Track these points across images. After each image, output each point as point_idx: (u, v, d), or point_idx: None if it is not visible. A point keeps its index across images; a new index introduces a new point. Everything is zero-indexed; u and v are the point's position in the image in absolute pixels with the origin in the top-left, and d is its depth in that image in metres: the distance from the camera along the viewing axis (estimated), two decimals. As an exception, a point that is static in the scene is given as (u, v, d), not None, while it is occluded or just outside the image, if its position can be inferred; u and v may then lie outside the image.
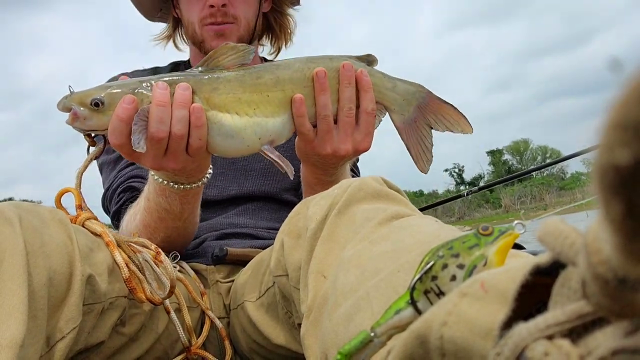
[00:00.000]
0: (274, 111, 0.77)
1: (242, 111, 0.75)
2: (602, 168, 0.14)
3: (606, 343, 0.17)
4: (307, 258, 0.59)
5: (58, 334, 0.57)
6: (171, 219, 0.84)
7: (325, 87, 0.77)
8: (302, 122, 0.78)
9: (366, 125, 0.80)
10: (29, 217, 0.60)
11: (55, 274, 0.58)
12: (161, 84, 0.72)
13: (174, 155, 0.73)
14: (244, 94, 0.76)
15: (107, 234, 0.69)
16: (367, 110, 0.79)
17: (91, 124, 0.73)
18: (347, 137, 0.79)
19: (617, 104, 0.13)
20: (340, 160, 0.81)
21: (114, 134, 0.71)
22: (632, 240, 0.14)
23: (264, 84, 0.77)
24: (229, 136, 0.75)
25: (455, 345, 0.25)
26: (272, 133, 0.77)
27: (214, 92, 0.74)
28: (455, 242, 0.30)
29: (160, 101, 0.71)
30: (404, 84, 0.84)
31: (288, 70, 0.78)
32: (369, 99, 0.79)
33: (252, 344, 0.83)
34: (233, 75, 0.76)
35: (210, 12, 1.03)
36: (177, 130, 0.71)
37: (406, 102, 0.84)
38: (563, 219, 0.21)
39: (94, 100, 0.71)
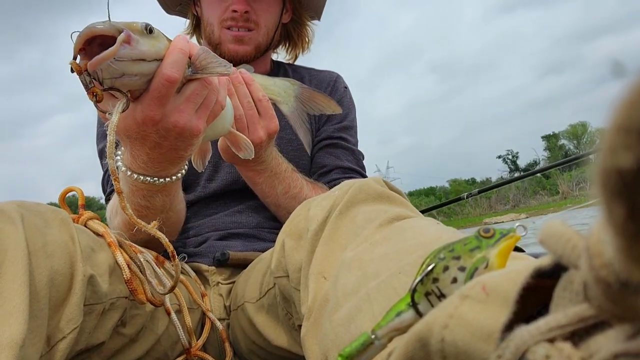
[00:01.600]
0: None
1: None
2: (605, 171, 0.14)
3: (608, 346, 0.17)
4: (308, 259, 0.59)
5: (59, 334, 0.57)
6: (152, 215, 0.80)
7: (232, 92, 0.85)
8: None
9: (265, 111, 0.89)
10: (31, 217, 0.60)
11: (57, 274, 0.58)
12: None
13: (204, 112, 0.71)
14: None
15: (109, 235, 0.69)
16: (258, 98, 0.88)
17: (143, 49, 0.63)
18: (255, 126, 0.88)
19: (620, 106, 0.13)
20: (260, 148, 0.89)
21: (176, 67, 0.64)
22: (634, 244, 0.14)
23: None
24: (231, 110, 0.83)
25: (456, 348, 0.25)
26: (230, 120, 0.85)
27: None
28: (456, 245, 0.30)
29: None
30: (282, 81, 0.99)
31: None
32: (255, 90, 0.88)
33: (252, 345, 0.83)
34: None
35: (233, 16, 1.05)
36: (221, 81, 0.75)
37: (287, 94, 0.99)
38: (565, 222, 0.21)
39: (148, 26, 0.64)
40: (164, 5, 1.21)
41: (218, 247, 0.98)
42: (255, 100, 0.88)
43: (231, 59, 1.09)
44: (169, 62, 0.64)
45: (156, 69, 0.64)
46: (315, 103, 1.00)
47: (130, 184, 0.76)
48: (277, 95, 0.97)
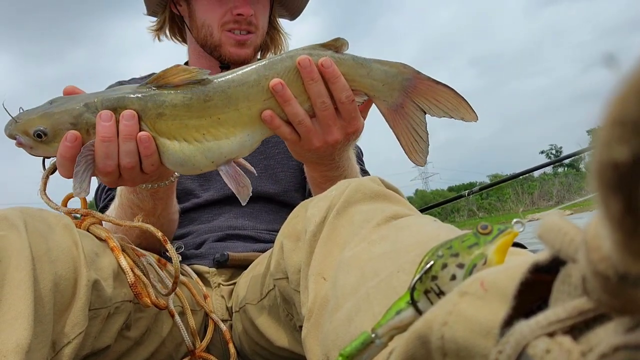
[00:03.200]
0: (227, 133, 0.71)
1: (191, 137, 0.70)
2: (600, 165, 0.14)
3: (607, 339, 0.17)
4: (307, 260, 0.59)
5: (64, 339, 0.58)
6: (144, 215, 0.81)
7: (287, 97, 0.70)
8: (281, 132, 0.73)
9: (347, 113, 0.74)
10: (34, 223, 0.60)
11: (61, 279, 0.58)
12: (104, 114, 0.67)
13: (129, 179, 0.71)
14: (191, 120, 0.69)
15: (112, 239, 0.69)
16: (341, 100, 0.73)
17: (38, 153, 0.70)
18: (330, 127, 0.74)
19: (615, 100, 0.13)
20: (333, 148, 0.77)
21: (62, 170, 0.68)
22: (631, 237, 0.14)
23: (213, 107, 0.69)
24: (178, 164, 0.70)
25: (456, 344, 0.25)
26: (227, 154, 0.71)
27: (159, 118, 0.69)
28: (454, 242, 0.30)
29: (105, 137, 0.66)
30: (382, 67, 0.74)
31: (242, 86, 0.70)
32: (339, 89, 0.72)
33: (255, 346, 0.83)
34: (180, 99, 0.69)
35: (237, 19, 1.04)
36: (126, 163, 0.68)
37: (387, 87, 0.74)
38: (563, 216, 0.21)
39: (37, 132, 0.67)
40: (148, 4, 1.18)
41: (217, 248, 0.98)
42: (338, 101, 0.73)
43: (231, 62, 1.08)
44: (57, 163, 0.69)
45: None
46: (437, 100, 0.74)
47: None
48: (371, 89, 0.75)
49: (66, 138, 0.66)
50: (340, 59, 0.73)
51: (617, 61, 0.13)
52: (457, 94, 0.73)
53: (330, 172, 0.83)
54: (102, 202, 1.05)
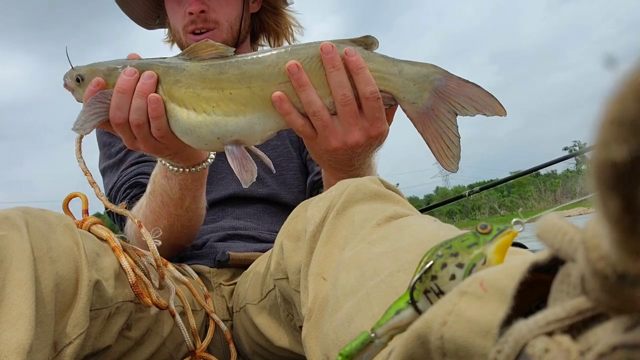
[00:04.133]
0: (237, 110, 0.69)
1: (200, 107, 0.70)
2: (599, 165, 0.14)
3: (606, 339, 0.17)
4: (307, 260, 0.59)
5: (65, 339, 0.58)
6: (173, 204, 0.84)
7: (303, 81, 0.67)
8: (292, 120, 0.69)
9: (371, 111, 0.69)
10: (36, 223, 0.60)
11: (62, 279, 0.58)
12: (129, 70, 0.71)
13: (142, 140, 0.73)
14: (204, 90, 0.69)
15: (113, 239, 0.70)
16: (365, 95, 0.68)
17: (77, 97, 0.75)
18: (351, 126, 0.69)
19: (613, 100, 0.13)
20: (353, 152, 0.72)
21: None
22: (630, 236, 0.15)
23: (226, 80, 0.69)
24: (184, 132, 0.71)
25: (455, 344, 0.25)
26: (233, 133, 0.70)
27: (175, 84, 0.71)
28: (454, 241, 0.30)
29: (120, 88, 0.70)
30: (413, 67, 0.70)
31: (258, 65, 0.69)
32: (363, 81, 0.68)
33: (255, 346, 0.83)
34: (198, 68, 0.70)
35: (191, 19, 1.02)
36: (134, 119, 0.70)
37: (418, 87, 0.70)
38: (561, 216, 0.21)
39: (77, 76, 0.73)
40: (140, 24, 1.19)
41: (218, 248, 0.98)
42: (361, 96, 0.68)
43: None
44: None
45: None
46: (470, 98, 0.70)
47: (159, 165, 0.84)
48: (399, 90, 0.71)
49: (92, 83, 0.71)
50: (370, 55, 0.70)
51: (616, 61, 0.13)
52: (487, 91, 0.70)
53: (344, 175, 0.77)
54: (119, 200, 1.04)
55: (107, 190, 1.09)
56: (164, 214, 0.86)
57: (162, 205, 0.85)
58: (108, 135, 1.09)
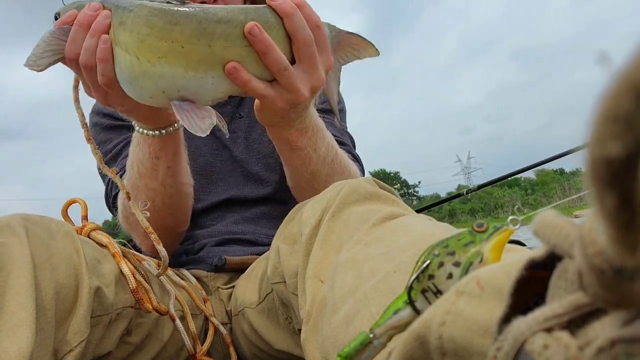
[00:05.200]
0: (187, 65, 0.63)
1: (144, 56, 0.62)
2: (594, 161, 0.14)
3: (604, 333, 0.18)
4: (304, 263, 0.59)
5: (66, 347, 0.57)
6: (147, 175, 0.81)
7: (268, 43, 0.63)
8: (253, 87, 0.65)
9: (322, 40, 0.68)
10: (36, 229, 0.60)
11: (62, 286, 0.58)
12: (94, 4, 0.65)
13: (93, 86, 0.68)
14: (149, 38, 0.62)
15: (113, 245, 0.70)
16: (316, 24, 0.67)
17: None
18: (315, 66, 0.67)
19: (607, 96, 0.13)
20: (315, 94, 0.71)
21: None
22: (626, 232, 0.15)
23: (179, 33, 0.62)
24: (126, 81, 0.64)
25: (455, 344, 0.25)
26: (181, 89, 0.64)
27: (120, 25, 0.63)
28: (450, 240, 0.30)
29: (78, 21, 0.65)
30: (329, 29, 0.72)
31: (225, 24, 0.63)
32: (311, 13, 0.67)
33: (254, 349, 0.83)
34: (146, 12, 0.62)
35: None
36: (83, 59, 0.65)
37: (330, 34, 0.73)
38: (558, 212, 0.21)
39: (55, 14, 0.69)
40: None
41: (216, 252, 0.98)
42: (313, 27, 0.66)
43: None
44: None
45: None
46: (352, 49, 0.74)
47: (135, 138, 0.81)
48: None
49: (66, 15, 0.67)
50: None
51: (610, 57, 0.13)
52: (364, 38, 0.73)
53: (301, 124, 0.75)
54: (115, 189, 1.03)
55: (105, 188, 1.08)
56: (141, 187, 0.82)
57: (139, 176, 0.82)
58: (104, 133, 1.07)
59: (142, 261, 0.72)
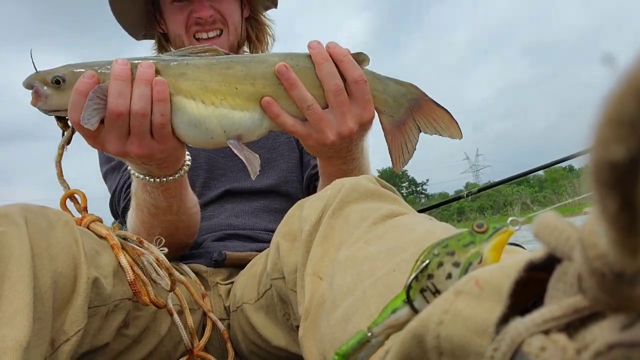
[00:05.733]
0: (241, 104, 0.72)
1: (208, 100, 0.71)
2: (597, 164, 0.14)
3: (602, 337, 0.17)
4: (303, 260, 0.59)
5: (63, 336, 0.58)
6: (162, 213, 0.82)
7: (293, 81, 0.71)
8: (282, 121, 0.73)
9: (361, 95, 0.73)
10: (35, 219, 0.60)
11: (61, 276, 0.58)
12: (121, 60, 0.69)
13: (137, 137, 0.69)
14: (211, 83, 0.71)
15: (111, 237, 0.70)
16: (354, 79, 0.72)
17: (52, 103, 0.70)
18: (345, 115, 0.73)
19: (611, 99, 0.13)
20: (350, 141, 0.76)
21: (74, 110, 0.68)
22: (628, 235, 0.15)
23: (232, 75, 0.72)
24: (192, 125, 0.71)
25: (452, 343, 0.25)
26: (239, 127, 0.72)
27: (181, 77, 0.71)
28: (450, 240, 0.30)
29: (119, 75, 0.67)
30: (396, 85, 0.79)
31: (262, 64, 0.73)
32: (350, 67, 0.73)
33: (252, 345, 0.83)
34: (203, 63, 0.72)
35: (197, 21, 1.04)
36: (139, 108, 0.67)
37: (397, 104, 0.79)
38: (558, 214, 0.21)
39: (55, 78, 0.68)
40: (131, 34, 1.19)
41: (215, 247, 0.98)
42: (350, 81, 0.72)
43: None
44: (70, 106, 0.68)
45: None
46: (435, 120, 0.79)
47: (136, 181, 0.80)
48: (383, 104, 0.79)
49: (84, 75, 0.68)
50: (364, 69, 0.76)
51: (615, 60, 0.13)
52: (452, 116, 0.79)
53: (345, 165, 0.81)
54: (122, 201, 1.04)
55: (110, 192, 1.08)
56: (155, 223, 0.84)
57: (151, 216, 0.83)
58: None
59: (141, 255, 0.72)
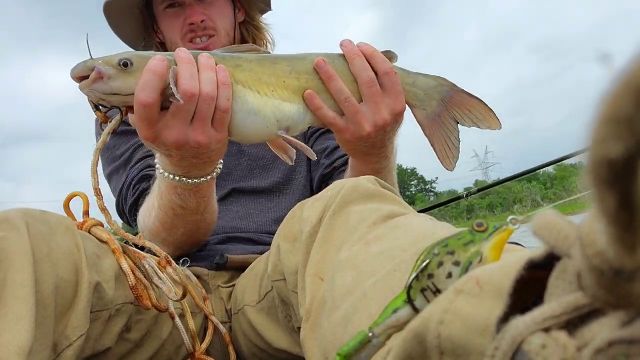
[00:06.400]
0: (289, 97, 0.76)
1: (262, 91, 0.75)
2: (595, 162, 0.14)
3: (602, 334, 0.18)
4: (304, 261, 0.59)
5: (65, 341, 0.57)
6: (188, 214, 0.82)
7: (331, 73, 0.76)
8: (323, 114, 0.77)
9: (392, 86, 0.78)
10: (36, 224, 0.60)
11: (62, 281, 0.58)
12: (183, 49, 0.71)
13: (201, 122, 0.69)
14: (264, 75, 0.75)
15: (113, 241, 0.69)
16: (385, 70, 0.77)
17: (115, 85, 0.68)
18: (378, 105, 0.77)
19: (609, 97, 0.13)
20: (384, 133, 0.79)
21: (146, 90, 0.66)
22: (626, 232, 0.15)
23: (280, 69, 0.77)
24: (252, 112, 0.73)
25: (452, 343, 0.25)
26: (288, 118, 0.76)
27: (237, 68, 0.74)
28: (450, 240, 0.30)
29: (188, 59, 0.69)
30: (425, 78, 0.82)
31: (303, 61, 0.79)
32: (380, 61, 0.78)
33: (254, 348, 0.83)
34: (253, 57, 0.76)
35: (191, 28, 1.06)
36: (209, 90, 0.68)
37: (427, 96, 0.82)
38: (557, 212, 0.21)
39: (123, 60, 0.68)
40: (130, 45, 1.20)
41: (217, 250, 0.98)
42: (382, 73, 0.77)
43: None
44: (140, 86, 0.67)
45: None
46: (469, 111, 0.81)
47: (165, 182, 0.79)
48: (413, 98, 0.82)
49: (156, 58, 0.68)
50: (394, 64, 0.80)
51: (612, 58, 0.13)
52: (487, 106, 0.81)
53: (378, 164, 0.84)
54: (130, 197, 1.02)
55: (116, 192, 1.06)
56: (179, 224, 0.84)
57: (175, 217, 0.83)
58: (112, 139, 1.07)
59: (142, 259, 0.72)
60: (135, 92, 0.67)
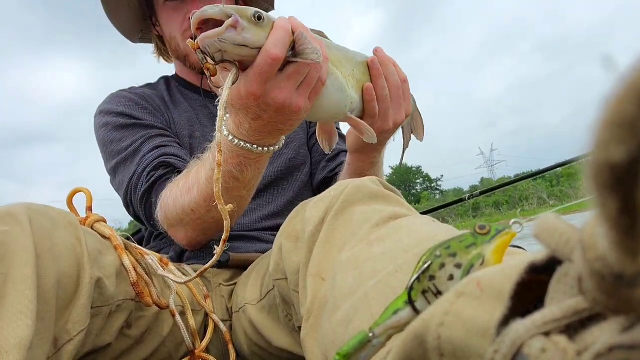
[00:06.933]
0: (355, 85, 0.83)
1: (343, 73, 0.80)
2: (597, 166, 0.14)
3: (603, 339, 0.17)
4: (306, 261, 0.59)
5: (66, 336, 0.58)
6: (237, 187, 0.81)
7: (381, 72, 0.86)
8: (373, 106, 0.86)
9: (407, 91, 0.91)
10: (39, 219, 0.60)
11: (64, 276, 0.58)
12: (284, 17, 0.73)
13: (306, 89, 0.71)
14: (342, 60, 0.81)
15: (115, 237, 0.70)
16: (403, 79, 0.89)
17: (246, 37, 0.66)
18: (400, 106, 0.89)
19: (611, 101, 0.13)
20: (394, 131, 0.92)
21: (279, 45, 0.66)
22: (628, 237, 0.15)
23: (350, 59, 0.84)
24: (339, 89, 0.78)
25: (453, 345, 0.25)
26: (355, 103, 0.83)
27: (327, 47, 0.76)
28: (452, 242, 0.30)
29: (303, 26, 0.70)
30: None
31: (357, 55, 0.86)
32: (399, 71, 0.89)
33: (254, 347, 0.83)
34: (329, 42, 0.80)
35: None
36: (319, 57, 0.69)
37: (413, 107, 0.98)
38: (559, 216, 0.21)
39: (257, 14, 0.67)
40: (126, 36, 1.19)
41: None
42: (402, 80, 0.89)
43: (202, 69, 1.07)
44: (272, 40, 0.66)
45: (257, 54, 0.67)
46: (416, 123, 1.06)
47: (229, 152, 0.78)
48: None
49: (282, 17, 0.70)
50: None
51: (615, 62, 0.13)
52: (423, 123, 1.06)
53: (376, 159, 0.97)
54: (143, 185, 0.97)
55: (124, 183, 1.01)
56: (225, 199, 0.83)
57: (225, 190, 0.79)
58: (117, 132, 1.04)
59: (144, 255, 0.72)
60: (265, 46, 0.66)
